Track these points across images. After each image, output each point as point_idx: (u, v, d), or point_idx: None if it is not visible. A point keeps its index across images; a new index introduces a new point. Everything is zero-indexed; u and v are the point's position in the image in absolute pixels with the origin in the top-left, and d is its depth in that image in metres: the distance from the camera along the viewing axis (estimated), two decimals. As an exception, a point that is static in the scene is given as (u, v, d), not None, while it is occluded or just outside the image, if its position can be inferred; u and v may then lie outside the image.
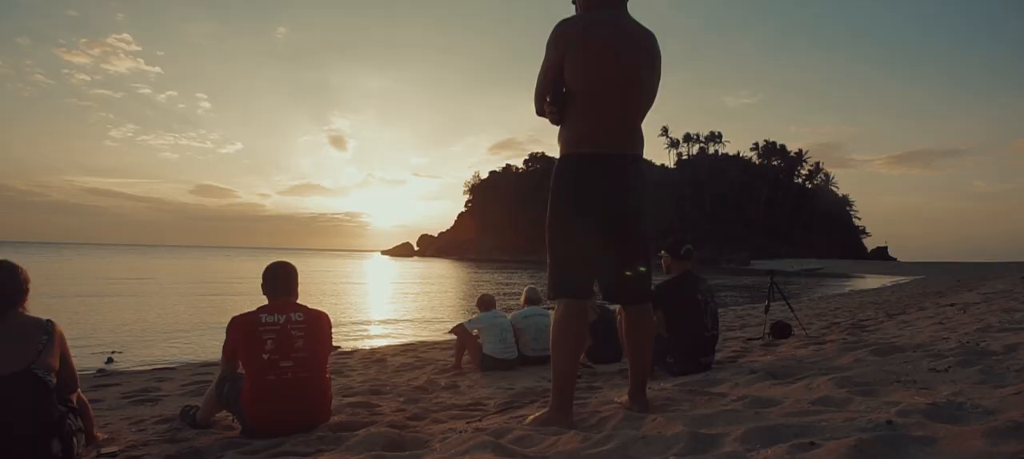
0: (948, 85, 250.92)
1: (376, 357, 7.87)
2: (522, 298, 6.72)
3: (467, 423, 3.07)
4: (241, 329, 3.20)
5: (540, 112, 2.63)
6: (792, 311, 7.61)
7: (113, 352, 8.65)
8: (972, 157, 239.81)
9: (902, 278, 37.57)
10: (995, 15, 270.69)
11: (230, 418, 3.45)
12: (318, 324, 3.34)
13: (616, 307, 3.12)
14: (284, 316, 3.24)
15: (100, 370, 7.24)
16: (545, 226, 2.61)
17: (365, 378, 5.92)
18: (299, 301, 3.42)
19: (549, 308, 6.44)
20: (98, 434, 3.20)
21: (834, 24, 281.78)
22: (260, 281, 3.39)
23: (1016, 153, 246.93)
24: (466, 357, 6.19)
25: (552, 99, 2.55)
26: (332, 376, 6.45)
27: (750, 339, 6.63)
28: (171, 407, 4.35)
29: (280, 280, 3.39)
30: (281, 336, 3.18)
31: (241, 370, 3.25)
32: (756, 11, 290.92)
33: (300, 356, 3.19)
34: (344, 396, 4.66)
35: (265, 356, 3.14)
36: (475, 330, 6.10)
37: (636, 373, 2.74)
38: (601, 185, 2.52)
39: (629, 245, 2.62)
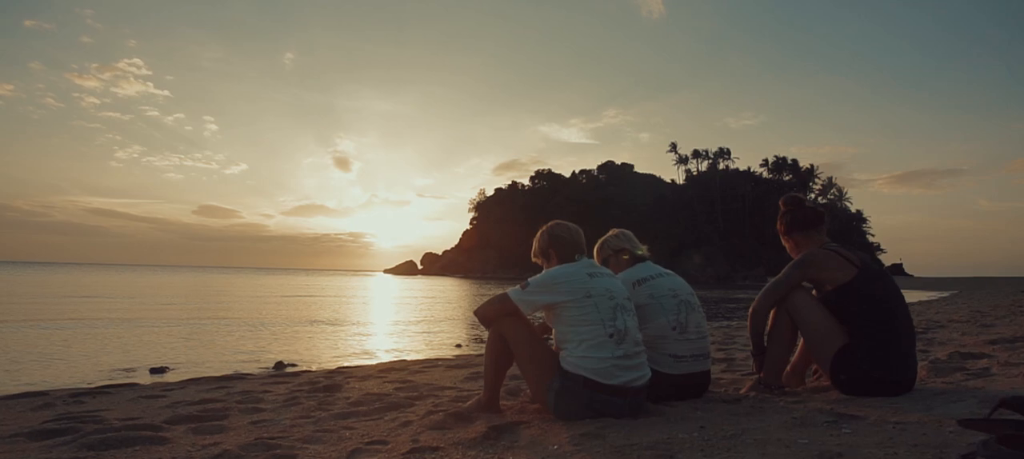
0: (947, 106, 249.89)
1: (331, 381, 4.77)
2: (595, 254, 3.24)
3: None
4: None
5: None
6: None
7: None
8: (973, 176, 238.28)
9: (935, 294, 33.29)
10: (992, 37, 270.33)
11: None
12: None
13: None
14: None
15: None
16: None
17: (256, 436, 2.73)
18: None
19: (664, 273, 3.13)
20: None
21: (835, 47, 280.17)
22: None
23: (1015, 172, 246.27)
24: (506, 381, 2.89)
25: None
26: (192, 427, 2.78)
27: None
28: None
29: None
30: None
31: None
32: (758, 34, 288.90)
33: None
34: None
35: None
36: (540, 308, 2.60)
37: None
38: None
39: None
